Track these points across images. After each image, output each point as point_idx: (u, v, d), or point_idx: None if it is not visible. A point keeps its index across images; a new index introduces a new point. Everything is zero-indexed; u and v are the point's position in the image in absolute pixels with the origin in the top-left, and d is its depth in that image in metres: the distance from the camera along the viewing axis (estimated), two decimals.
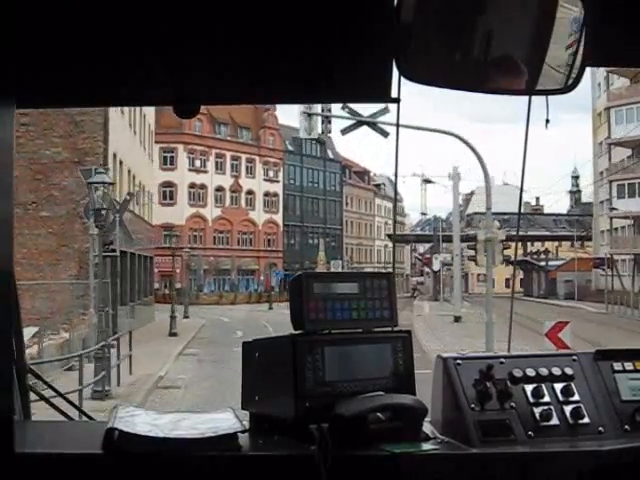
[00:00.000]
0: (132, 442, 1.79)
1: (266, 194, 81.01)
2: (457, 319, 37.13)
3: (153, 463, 1.80)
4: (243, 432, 1.88)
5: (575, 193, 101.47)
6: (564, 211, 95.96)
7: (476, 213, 79.42)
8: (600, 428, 1.93)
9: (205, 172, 73.91)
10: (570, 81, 1.68)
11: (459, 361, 1.99)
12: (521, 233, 66.26)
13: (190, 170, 72.40)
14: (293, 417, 1.87)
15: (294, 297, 2.00)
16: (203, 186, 74.25)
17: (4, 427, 1.78)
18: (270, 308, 54.39)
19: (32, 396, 2.27)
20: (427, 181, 51.17)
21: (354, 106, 23.28)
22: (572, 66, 1.66)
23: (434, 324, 36.22)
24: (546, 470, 1.85)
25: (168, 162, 70.67)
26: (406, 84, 1.75)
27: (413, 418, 1.90)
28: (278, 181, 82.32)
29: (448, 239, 68.31)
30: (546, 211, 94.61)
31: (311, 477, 1.74)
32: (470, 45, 1.63)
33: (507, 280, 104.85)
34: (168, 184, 70.81)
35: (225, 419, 1.95)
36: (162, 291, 64.47)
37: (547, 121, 1.91)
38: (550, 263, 77.82)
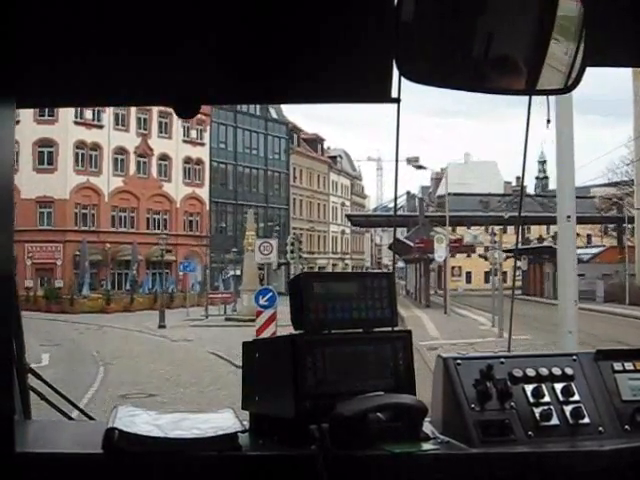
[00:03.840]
0: (132, 442, 2.44)
1: (187, 161, 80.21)
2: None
3: (153, 463, 2.43)
4: (243, 432, 2.54)
5: (542, 179, 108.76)
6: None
7: (451, 194, 77.82)
8: (600, 428, 2.58)
9: (99, 127, 70.04)
10: (570, 81, 2.28)
11: (459, 361, 2.66)
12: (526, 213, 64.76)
13: (77, 124, 68.91)
14: (293, 417, 2.50)
15: (294, 297, 2.66)
16: (96, 146, 70.78)
17: (4, 427, 2.39)
18: (161, 325, 44.30)
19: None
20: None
21: None
22: (572, 66, 2.25)
23: None
24: (546, 470, 2.47)
25: (46, 112, 65.21)
26: (406, 84, 2.38)
27: (413, 418, 2.55)
28: (203, 144, 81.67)
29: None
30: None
31: (311, 477, 2.35)
32: (470, 45, 2.20)
33: (486, 274, 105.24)
34: (45, 142, 67.78)
35: (225, 419, 2.62)
36: (35, 291, 59.78)
37: (548, 121, 2.57)
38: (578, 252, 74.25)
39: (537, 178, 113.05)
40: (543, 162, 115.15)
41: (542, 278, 76.92)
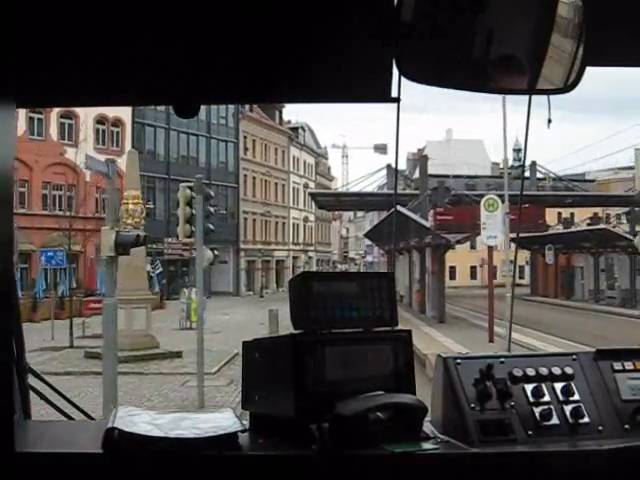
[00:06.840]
0: (132, 442, 2.45)
1: (100, 121, 63.44)
2: None
3: (153, 463, 2.44)
4: (243, 432, 2.55)
5: (517, 168, 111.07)
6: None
7: (432, 176, 74.24)
8: (600, 427, 2.60)
9: None
10: (570, 80, 2.30)
11: (459, 361, 2.68)
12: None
13: None
14: (293, 417, 2.52)
15: (294, 297, 2.68)
16: None
17: (4, 427, 2.39)
18: None
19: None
20: None
21: None
22: (572, 65, 2.28)
23: None
24: (546, 470, 2.48)
25: None
26: (406, 84, 2.41)
27: (413, 417, 2.56)
28: None
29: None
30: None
31: (311, 477, 2.38)
32: (470, 45, 2.23)
33: (472, 269, 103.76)
34: None
35: (225, 419, 2.63)
36: None
37: (549, 121, 2.58)
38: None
39: (512, 167, 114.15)
40: (518, 150, 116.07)
41: (572, 273, 66.89)
